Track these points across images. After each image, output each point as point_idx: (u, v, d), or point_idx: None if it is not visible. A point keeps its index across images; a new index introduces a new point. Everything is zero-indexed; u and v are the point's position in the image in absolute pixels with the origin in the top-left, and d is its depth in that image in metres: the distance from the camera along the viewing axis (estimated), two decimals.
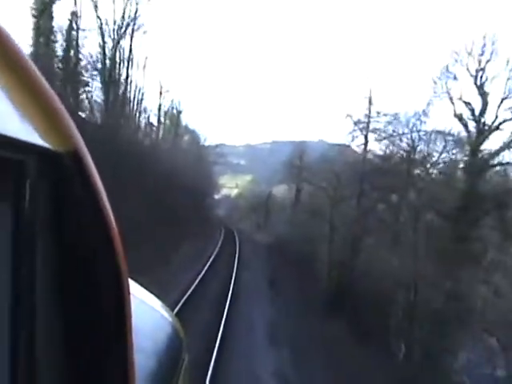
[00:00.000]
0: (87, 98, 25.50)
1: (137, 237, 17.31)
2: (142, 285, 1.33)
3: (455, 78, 22.59)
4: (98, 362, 0.63)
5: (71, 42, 21.27)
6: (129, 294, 0.65)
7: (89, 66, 24.10)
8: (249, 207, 73.19)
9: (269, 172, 79.89)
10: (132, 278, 1.06)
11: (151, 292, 1.39)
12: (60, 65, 20.35)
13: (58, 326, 0.60)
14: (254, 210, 69.09)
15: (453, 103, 22.88)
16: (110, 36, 28.05)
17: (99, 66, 26.83)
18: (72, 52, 21.76)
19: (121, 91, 30.31)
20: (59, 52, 20.92)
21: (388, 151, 29.66)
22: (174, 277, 17.81)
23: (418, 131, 27.82)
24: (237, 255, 28.31)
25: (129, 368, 0.66)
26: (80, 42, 22.61)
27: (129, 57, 30.91)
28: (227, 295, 17.21)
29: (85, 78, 23.35)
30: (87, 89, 23.62)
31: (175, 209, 31.04)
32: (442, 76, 23.34)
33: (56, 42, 20.36)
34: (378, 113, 30.15)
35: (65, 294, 0.60)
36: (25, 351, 0.55)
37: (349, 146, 30.24)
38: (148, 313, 1.27)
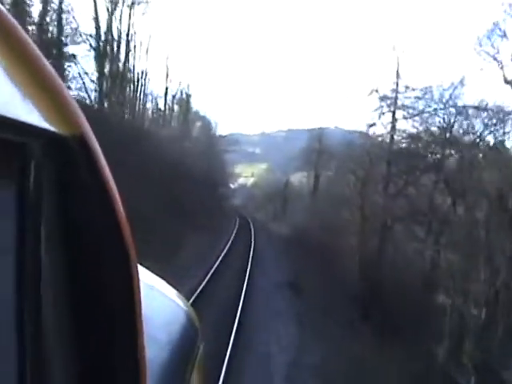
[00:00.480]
0: (80, 74, 22.47)
1: (142, 229, 15.39)
2: (156, 273, 1.32)
3: (505, 35, 18.92)
4: (107, 352, 0.61)
5: (48, 4, 18.07)
6: (138, 280, 0.62)
7: (79, 39, 20.93)
8: (265, 196, 70.14)
9: (284, 160, 78.87)
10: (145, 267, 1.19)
11: (165, 281, 1.36)
12: (36, 32, 17.17)
13: (65, 313, 0.57)
14: (270, 199, 66.24)
15: (502, 68, 19.38)
16: (105, 6, 24.97)
17: (92, 40, 23.80)
18: (55, 18, 18.57)
19: (120, 70, 27.16)
20: (36, 18, 17.70)
21: (419, 130, 26.15)
22: (183, 271, 14.80)
23: (455, 106, 24.24)
24: (252, 248, 25.04)
25: (139, 357, 0.63)
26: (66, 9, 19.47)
27: (128, 31, 27.80)
28: (239, 298, 14.04)
29: (70, 51, 20.15)
30: (74, 63, 20.33)
31: (184, 199, 28.20)
32: (489, 35, 19.66)
33: (31, 5, 17.19)
34: (407, 87, 26.52)
35: (71, 280, 0.57)
36: (31, 341, 0.53)
37: (374, 125, 26.56)
38: (162, 302, 1.26)
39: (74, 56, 20.05)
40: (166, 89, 40.60)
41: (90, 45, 24.07)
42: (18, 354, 0.52)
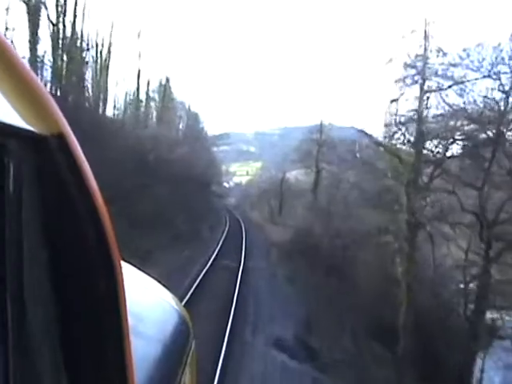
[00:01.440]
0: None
1: None
2: (148, 274, 1.33)
3: None
4: (93, 343, 0.60)
5: None
6: (122, 274, 0.62)
7: None
8: (260, 194, 63.68)
9: (279, 158, 75.41)
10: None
11: (158, 281, 1.37)
12: None
13: (48, 307, 0.56)
14: (266, 197, 60.05)
15: None
16: None
17: None
18: None
19: (65, 39, 20.43)
20: None
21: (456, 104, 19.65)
22: None
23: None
24: (241, 268, 17.89)
25: (126, 350, 0.62)
26: None
27: None
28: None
29: None
30: None
31: (161, 203, 21.76)
32: None
33: None
34: (439, 51, 19.96)
35: (54, 277, 0.56)
36: (14, 335, 0.52)
37: (399, 99, 19.94)
38: (156, 301, 1.29)
39: None
40: (139, 71, 33.88)
41: None
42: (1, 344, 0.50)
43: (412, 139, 18.98)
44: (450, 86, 19.78)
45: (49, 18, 18.53)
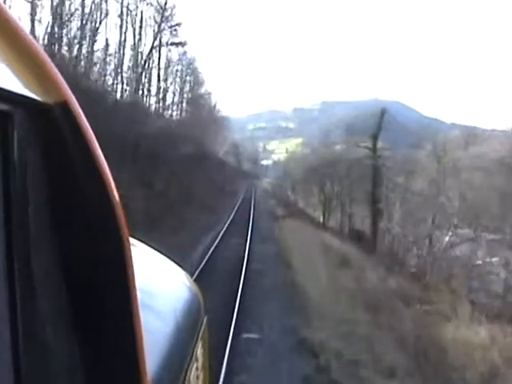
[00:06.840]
0: None
1: None
2: (162, 253, 1.26)
3: None
4: (103, 323, 0.57)
5: None
6: (128, 239, 0.58)
7: None
8: (307, 177, 39.88)
9: (320, 133, 69.31)
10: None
11: (171, 259, 1.31)
12: None
13: (55, 276, 0.54)
14: (316, 180, 36.59)
15: None
16: None
17: None
18: None
19: None
20: None
21: None
22: None
23: None
24: None
25: (135, 325, 0.58)
26: None
27: None
28: None
29: None
30: None
31: None
32: None
33: None
34: None
35: (60, 247, 0.54)
36: (21, 299, 0.49)
37: None
38: (167, 278, 1.24)
39: None
40: None
41: None
42: (10, 318, 0.48)
43: None
44: None
45: None
